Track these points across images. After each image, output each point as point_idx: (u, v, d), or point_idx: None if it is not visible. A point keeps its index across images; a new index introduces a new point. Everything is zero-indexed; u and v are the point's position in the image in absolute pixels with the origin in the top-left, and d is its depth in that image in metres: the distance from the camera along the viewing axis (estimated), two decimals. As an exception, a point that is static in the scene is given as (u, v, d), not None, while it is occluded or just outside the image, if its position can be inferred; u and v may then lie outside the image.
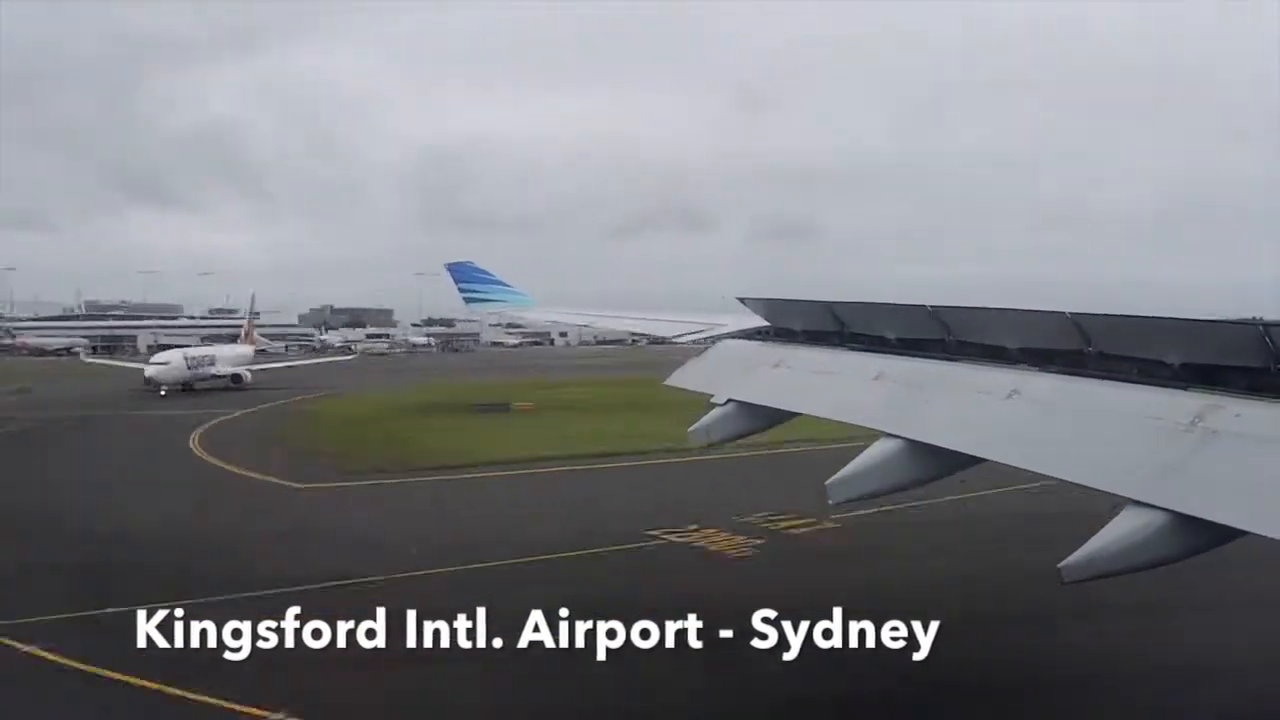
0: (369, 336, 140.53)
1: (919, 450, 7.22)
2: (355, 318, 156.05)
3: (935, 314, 8.57)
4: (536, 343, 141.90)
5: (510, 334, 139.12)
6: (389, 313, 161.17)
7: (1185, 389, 6.06)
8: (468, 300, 19.40)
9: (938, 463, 7.25)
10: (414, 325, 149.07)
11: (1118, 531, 5.37)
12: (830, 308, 9.84)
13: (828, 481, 7.73)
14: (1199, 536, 5.20)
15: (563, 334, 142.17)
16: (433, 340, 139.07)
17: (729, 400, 9.71)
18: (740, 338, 11.28)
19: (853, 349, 9.41)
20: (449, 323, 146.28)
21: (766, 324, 11.01)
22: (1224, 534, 5.09)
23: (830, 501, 7.59)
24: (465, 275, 18.54)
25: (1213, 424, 5.55)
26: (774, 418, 9.54)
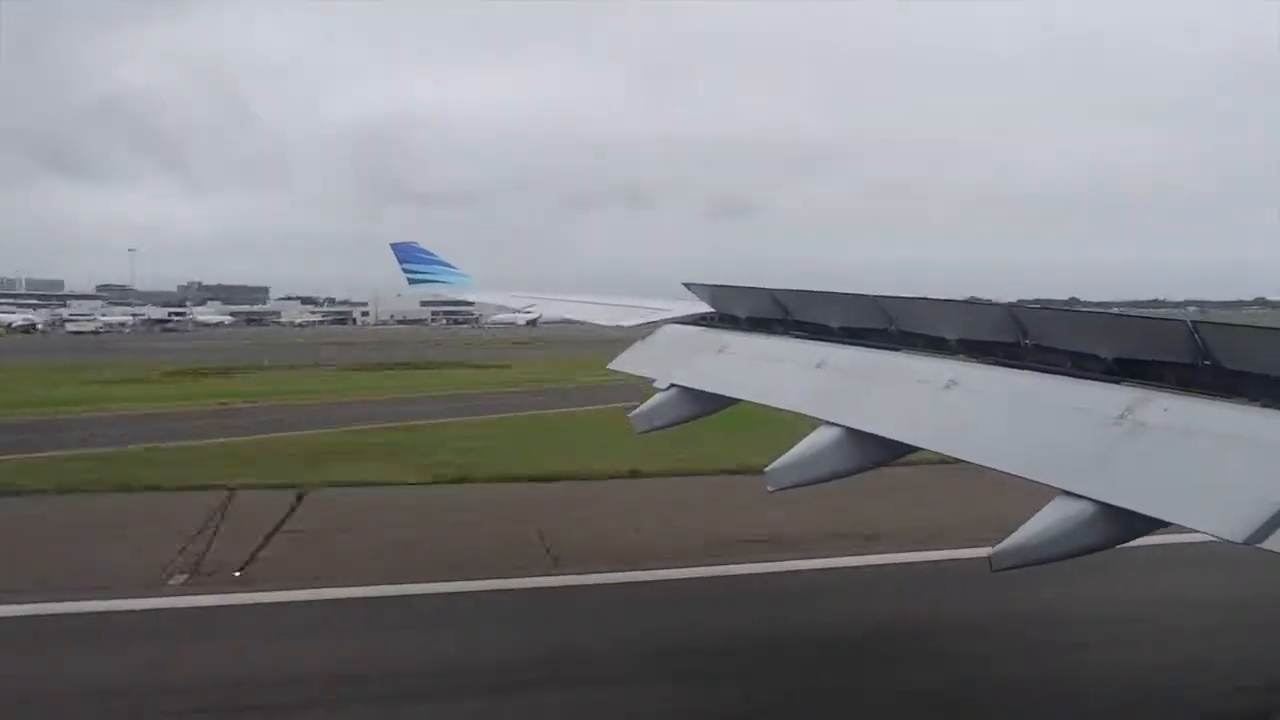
0: (71, 316, 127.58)
1: (857, 438, 7.27)
2: (227, 295, 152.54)
3: (878, 303, 8.63)
4: (340, 320, 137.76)
5: (313, 312, 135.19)
6: (265, 290, 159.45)
7: (1117, 383, 6.17)
8: (411, 281, 19.11)
9: (876, 451, 7.31)
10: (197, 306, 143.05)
11: (1046, 521, 5.46)
12: (774, 295, 9.87)
13: (767, 469, 7.75)
14: (1123, 526, 5.30)
15: (365, 312, 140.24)
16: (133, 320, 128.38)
17: (671, 385, 9.70)
18: (686, 323, 11.27)
19: (796, 337, 9.44)
20: (322, 300, 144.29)
21: (711, 310, 11.01)
22: (1147, 524, 5.20)
23: (769, 489, 7.61)
24: (408, 255, 18.24)
25: (1141, 417, 5.66)
26: (716, 403, 9.55)
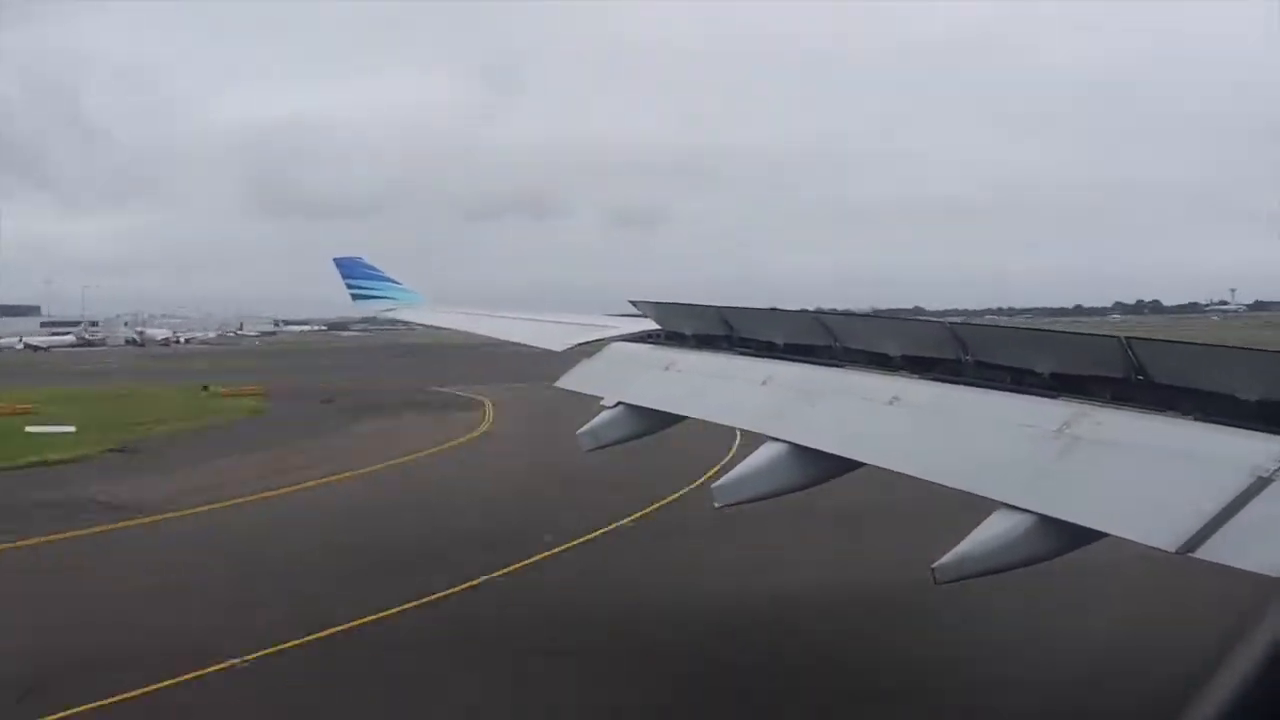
0: None
1: (803, 454, 7.31)
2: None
3: (822, 321, 8.72)
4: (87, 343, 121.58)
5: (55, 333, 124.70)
6: (36, 309, 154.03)
7: (1055, 398, 6.29)
8: (355, 298, 18.61)
9: (821, 467, 7.36)
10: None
11: (988, 533, 5.53)
12: (720, 312, 9.92)
13: (713, 485, 7.75)
14: (1062, 538, 5.40)
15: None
16: None
17: (619, 403, 9.67)
18: (633, 341, 11.25)
19: (742, 354, 9.48)
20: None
21: (658, 327, 11.02)
22: (1085, 535, 5.29)
23: (715, 505, 7.62)
24: (353, 271, 17.82)
25: (1078, 431, 5.78)
26: (663, 421, 9.54)
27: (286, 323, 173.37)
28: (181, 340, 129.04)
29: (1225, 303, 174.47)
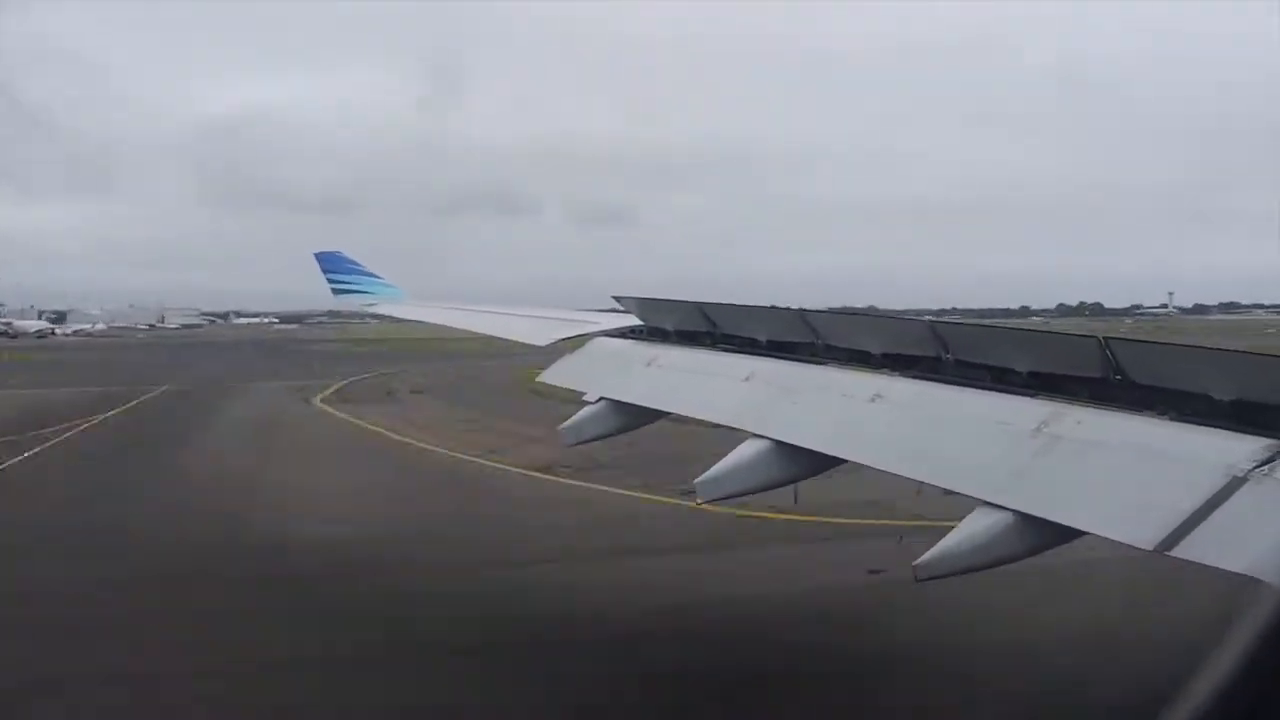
0: None
1: (784, 451, 7.33)
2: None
3: (804, 318, 8.75)
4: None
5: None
6: None
7: (1033, 396, 6.34)
8: (336, 292, 18.46)
9: (802, 463, 7.39)
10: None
11: (968, 531, 5.57)
12: (703, 308, 9.92)
13: (696, 480, 7.77)
14: (1042, 536, 5.44)
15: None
16: None
17: (601, 398, 9.66)
18: (616, 336, 11.25)
19: (724, 350, 9.50)
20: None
21: (640, 323, 11.01)
22: (1064, 533, 5.34)
23: (699, 501, 7.64)
24: (333, 265, 17.69)
25: (1056, 430, 5.83)
26: (645, 416, 9.54)
27: (239, 315, 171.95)
28: (57, 333, 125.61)
29: (1165, 305, 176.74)
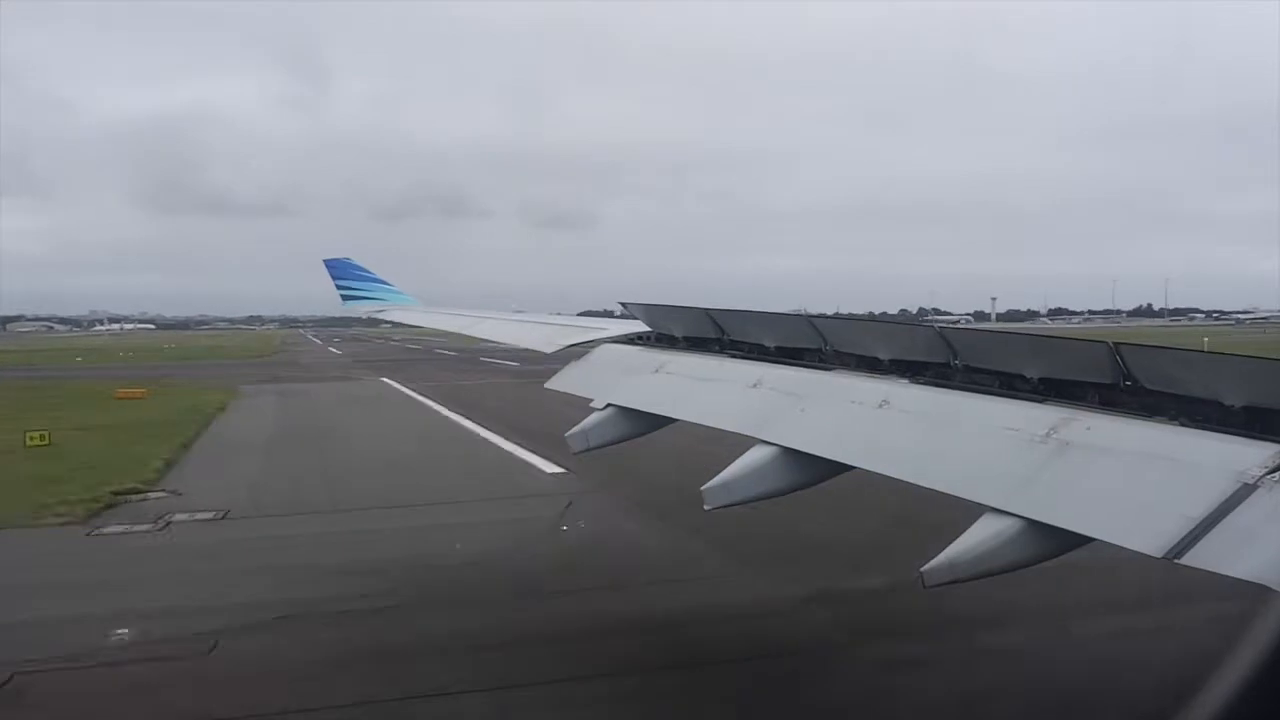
0: None
1: (792, 457, 7.31)
2: None
3: (813, 324, 8.73)
4: None
5: None
6: None
7: (1043, 402, 6.31)
8: (345, 299, 18.59)
9: (810, 470, 7.36)
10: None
11: (976, 538, 5.54)
12: (710, 314, 9.92)
13: (703, 487, 7.74)
14: (1050, 542, 5.41)
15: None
16: None
17: (608, 405, 9.66)
18: (622, 342, 11.25)
19: (732, 356, 9.49)
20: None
21: (648, 329, 11.02)
22: (1073, 540, 5.31)
23: (706, 507, 7.61)
24: (342, 272, 17.78)
25: (1066, 436, 5.79)
26: (653, 423, 9.53)
27: (203, 321, 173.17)
28: None
29: (1035, 311, 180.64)
